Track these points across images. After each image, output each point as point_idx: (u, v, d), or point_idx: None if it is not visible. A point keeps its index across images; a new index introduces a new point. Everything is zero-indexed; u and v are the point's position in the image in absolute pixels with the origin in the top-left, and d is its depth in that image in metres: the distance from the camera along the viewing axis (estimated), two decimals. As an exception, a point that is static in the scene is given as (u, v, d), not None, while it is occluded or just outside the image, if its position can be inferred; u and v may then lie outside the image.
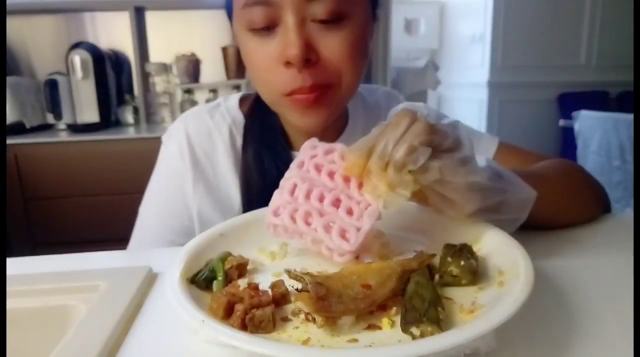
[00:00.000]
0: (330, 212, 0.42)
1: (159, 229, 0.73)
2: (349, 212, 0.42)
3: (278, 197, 0.45)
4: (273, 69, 0.58)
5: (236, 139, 0.73)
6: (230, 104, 0.76)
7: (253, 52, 0.59)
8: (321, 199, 0.43)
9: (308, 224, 0.42)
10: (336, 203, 0.42)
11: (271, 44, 0.57)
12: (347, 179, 0.44)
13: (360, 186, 0.43)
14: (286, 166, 0.48)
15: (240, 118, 0.74)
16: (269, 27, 0.57)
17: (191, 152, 0.72)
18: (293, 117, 0.62)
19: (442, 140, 0.41)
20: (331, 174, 0.44)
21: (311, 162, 0.46)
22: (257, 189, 0.68)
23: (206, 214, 0.71)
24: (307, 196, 0.43)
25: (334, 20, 0.56)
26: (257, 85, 0.64)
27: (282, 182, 0.46)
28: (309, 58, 0.56)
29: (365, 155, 0.42)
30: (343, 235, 0.41)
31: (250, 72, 0.63)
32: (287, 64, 0.56)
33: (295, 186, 0.44)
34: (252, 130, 0.72)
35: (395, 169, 0.40)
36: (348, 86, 0.61)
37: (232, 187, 0.72)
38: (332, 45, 0.57)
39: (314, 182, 0.44)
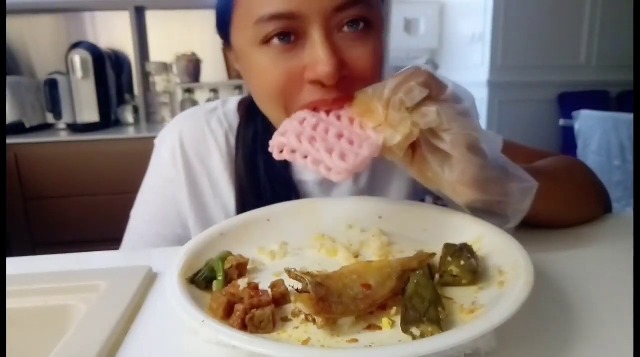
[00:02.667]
0: (333, 142, 0.46)
1: (150, 236, 0.71)
2: (351, 142, 0.45)
3: (287, 123, 0.49)
4: (293, 86, 0.52)
5: (233, 146, 0.70)
6: (228, 109, 0.73)
7: (268, 69, 0.52)
8: (326, 131, 0.47)
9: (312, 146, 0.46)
10: (339, 136, 0.46)
11: (292, 60, 0.51)
12: (352, 121, 0.48)
13: (363, 126, 0.47)
14: (281, 181, 0.47)
15: (237, 124, 0.71)
16: (290, 41, 0.51)
17: (184, 158, 0.69)
18: None
19: (440, 88, 0.43)
20: (339, 117, 0.49)
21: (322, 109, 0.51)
22: (251, 202, 0.63)
23: (205, 219, 0.69)
24: (314, 128, 0.47)
25: (361, 30, 0.52)
26: (266, 105, 0.57)
27: (293, 115, 0.50)
28: (342, 75, 0.50)
29: (371, 97, 0.45)
30: (343, 157, 0.44)
31: (258, 91, 0.56)
32: (314, 82, 0.50)
33: (305, 119, 0.49)
34: (244, 139, 0.68)
35: (393, 106, 0.43)
36: None
37: (227, 197, 0.69)
38: (362, 58, 0.52)
39: (322, 119, 0.49)
